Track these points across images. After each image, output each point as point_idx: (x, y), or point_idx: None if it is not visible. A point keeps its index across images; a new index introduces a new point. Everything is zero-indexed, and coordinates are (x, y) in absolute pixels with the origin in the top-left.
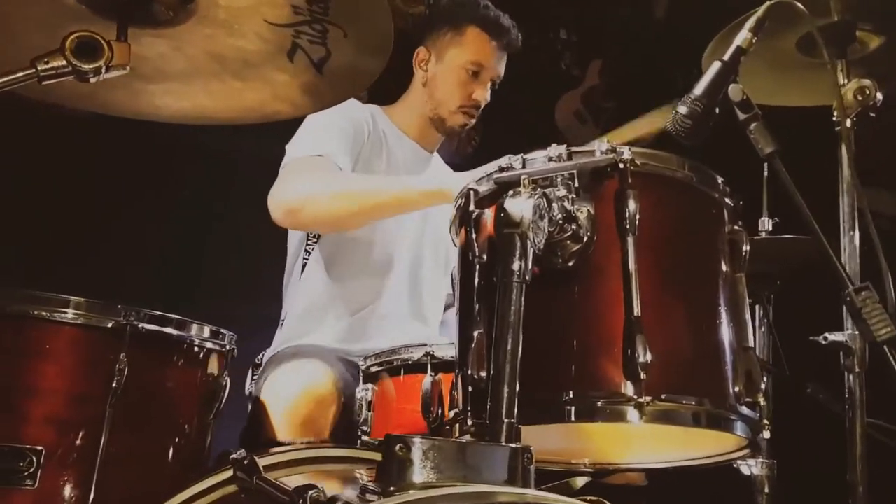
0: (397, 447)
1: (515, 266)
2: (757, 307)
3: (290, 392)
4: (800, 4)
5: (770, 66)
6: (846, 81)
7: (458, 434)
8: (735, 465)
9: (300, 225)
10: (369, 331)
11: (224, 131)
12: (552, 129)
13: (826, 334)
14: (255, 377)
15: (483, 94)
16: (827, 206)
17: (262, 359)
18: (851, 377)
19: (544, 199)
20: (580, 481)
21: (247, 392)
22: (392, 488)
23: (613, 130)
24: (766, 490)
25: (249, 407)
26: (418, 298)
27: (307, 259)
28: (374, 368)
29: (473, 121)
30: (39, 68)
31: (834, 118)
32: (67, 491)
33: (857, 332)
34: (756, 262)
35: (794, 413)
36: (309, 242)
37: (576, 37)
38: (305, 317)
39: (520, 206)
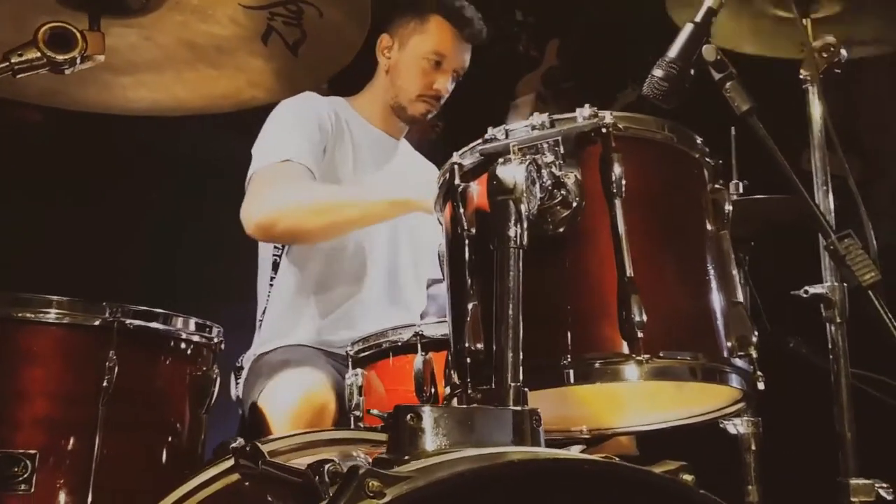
0: (408, 417)
1: (511, 232)
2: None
3: (291, 399)
4: None
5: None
6: (812, 40)
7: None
8: (721, 426)
9: (273, 239)
10: (349, 320)
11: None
12: None
13: (807, 287)
14: (238, 380)
15: (444, 85)
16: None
17: (241, 361)
18: (833, 328)
19: (534, 166)
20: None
21: (233, 396)
22: (406, 457)
23: None
24: (753, 447)
25: (245, 413)
26: (396, 284)
27: (278, 256)
28: (363, 353)
29: (435, 111)
30: (13, 61)
31: (802, 75)
32: (64, 494)
33: (836, 284)
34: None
35: (777, 369)
36: None
37: (532, 18)
38: (284, 315)
39: (512, 172)
